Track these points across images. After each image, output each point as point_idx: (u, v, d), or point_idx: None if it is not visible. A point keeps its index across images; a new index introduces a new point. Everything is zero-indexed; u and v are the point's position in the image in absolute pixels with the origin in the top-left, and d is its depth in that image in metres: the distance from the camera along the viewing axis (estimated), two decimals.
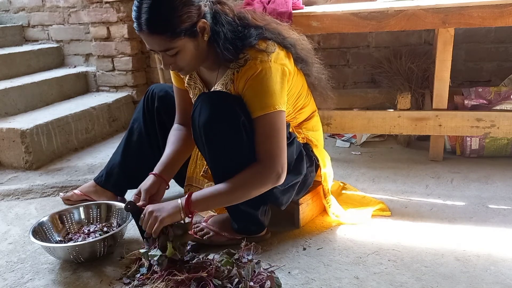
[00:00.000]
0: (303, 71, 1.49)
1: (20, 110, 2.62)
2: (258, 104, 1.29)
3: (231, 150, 1.32)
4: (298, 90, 1.46)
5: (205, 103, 1.32)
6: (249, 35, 1.32)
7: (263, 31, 1.34)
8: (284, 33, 1.41)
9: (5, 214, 1.87)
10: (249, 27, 1.34)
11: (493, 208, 1.69)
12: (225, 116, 1.30)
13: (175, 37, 1.22)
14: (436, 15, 1.85)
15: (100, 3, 2.95)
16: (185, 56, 1.27)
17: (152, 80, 3.18)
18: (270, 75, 1.28)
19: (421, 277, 1.30)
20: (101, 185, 1.84)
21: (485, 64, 2.54)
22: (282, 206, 1.50)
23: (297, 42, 1.44)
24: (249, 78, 1.28)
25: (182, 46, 1.25)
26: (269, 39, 1.34)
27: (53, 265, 1.48)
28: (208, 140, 1.33)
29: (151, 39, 1.24)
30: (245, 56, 1.30)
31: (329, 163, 1.65)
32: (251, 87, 1.29)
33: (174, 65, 1.31)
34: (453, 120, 2.03)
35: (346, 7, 2.03)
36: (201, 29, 1.26)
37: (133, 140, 1.77)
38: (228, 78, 1.35)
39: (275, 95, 1.29)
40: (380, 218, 1.65)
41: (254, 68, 1.28)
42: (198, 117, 1.32)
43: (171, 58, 1.28)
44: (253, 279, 1.23)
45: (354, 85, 2.75)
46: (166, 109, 1.68)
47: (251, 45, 1.30)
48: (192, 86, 1.50)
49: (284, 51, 1.37)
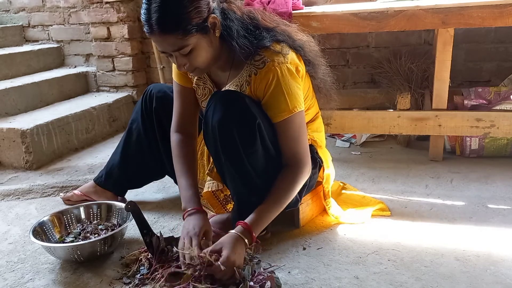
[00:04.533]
0: (309, 73, 1.49)
1: (21, 110, 2.63)
2: (278, 110, 1.31)
3: (244, 151, 1.31)
4: (305, 92, 1.47)
5: (220, 102, 1.30)
6: (263, 36, 1.32)
7: (276, 34, 1.35)
8: (293, 36, 1.42)
9: (5, 214, 1.88)
10: (260, 28, 1.34)
11: (493, 208, 1.69)
12: (240, 116, 1.28)
13: (187, 34, 1.20)
14: (436, 15, 1.85)
15: (100, 4, 2.95)
16: (199, 54, 1.26)
17: (152, 80, 3.18)
18: (289, 77, 1.30)
19: (421, 277, 1.30)
20: (101, 185, 1.84)
21: (485, 64, 2.54)
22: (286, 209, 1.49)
23: (305, 44, 1.45)
24: (269, 82, 1.29)
25: (195, 44, 1.23)
26: (282, 41, 1.35)
27: (53, 265, 1.48)
28: (221, 139, 1.31)
29: (163, 40, 1.22)
30: (262, 58, 1.30)
31: (331, 163, 1.66)
32: (272, 91, 1.30)
33: (189, 65, 1.28)
34: (452, 120, 2.03)
35: (346, 7, 2.03)
36: (212, 25, 1.25)
37: (132, 140, 1.77)
38: (244, 80, 1.34)
39: (295, 97, 1.31)
40: (380, 218, 1.65)
41: (274, 71, 1.28)
42: (212, 115, 1.30)
43: (184, 58, 1.26)
44: (253, 279, 1.23)
45: (354, 85, 2.75)
46: (164, 110, 1.66)
47: (266, 46, 1.31)
48: (201, 86, 1.48)
49: (296, 54, 1.39)
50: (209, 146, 1.39)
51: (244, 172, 1.34)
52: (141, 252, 1.44)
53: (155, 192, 1.99)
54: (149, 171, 1.82)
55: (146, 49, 3.12)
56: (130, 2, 2.96)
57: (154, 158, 1.75)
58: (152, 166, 1.78)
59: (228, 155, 1.34)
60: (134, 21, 3.01)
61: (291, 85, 1.30)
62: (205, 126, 1.35)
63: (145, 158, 1.76)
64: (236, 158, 1.33)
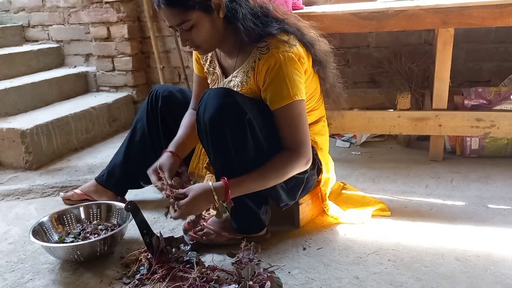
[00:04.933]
0: (318, 74, 1.49)
1: (20, 110, 2.62)
2: (278, 96, 1.32)
3: (235, 147, 1.33)
4: (311, 92, 1.47)
5: (211, 99, 1.33)
6: (270, 24, 1.34)
7: (285, 25, 1.37)
8: (304, 30, 1.43)
9: (5, 214, 1.88)
10: (269, 16, 1.37)
11: (493, 208, 1.69)
12: (230, 113, 1.30)
13: (189, 9, 1.26)
14: (436, 15, 1.85)
15: (100, 3, 2.95)
16: (200, 31, 1.30)
17: (152, 80, 3.18)
18: (291, 65, 1.31)
19: (421, 277, 1.30)
20: (103, 185, 1.84)
21: (485, 64, 2.54)
22: (284, 204, 1.50)
23: (315, 42, 1.45)
24: (270, 68, 1.31)
25: (196, 20, 1.28)
26: (291, 33, 1.37)
27: (53, 265, 1.48)
28: (212, 136, 1.33)
29: (168, 13, 1.28)
30: (267, 45, 1.32)
31: (332, 169, 1.66)
32: (272, 78, 1.31)
33: (191, 41, 1.33)
34: (453, 120, 2.03)
35: (346, 7, 2.03)
36: (216, 5, 1.29)
37: (136, 140, 1.78)
38: (249, 66, 1.36)
39: (296, 84, 1.32)
40: (380, 218, 1.65)
41: (276, 57, 1.30)
42: (203, 113, 1.33)
43: (187, 33, 1.31)
44: (253, 279, 1.23)
45: (354, 85, 2.74)
46: (170, 110, 1.69)
47: (272, 34, 1.33)
48: (211, 72, 1.54)
49: (304, 49, 1.39)
50: (202, 142, 1.42)
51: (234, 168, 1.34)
52: (141, 252, 1.44)
53: (155, 192, 1.98)
54: None
55: (146, 49, 3.12)
56: (130, 2, 2.96)
57: (157, 159, 1.75)
58: None
59: (218, 152, 1.36)
60: (134, 21, 3.01)
61: (293, 72, 1.31)
62: (198, 123, 1.38)
63: (148, 158, 1.75)
64: (226, 154, 1.35)
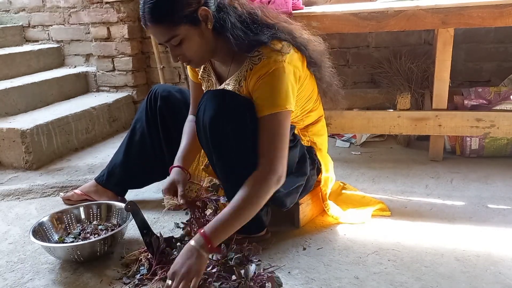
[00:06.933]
0: (314, 75, 1.48)
1: (20, 110, 2.63)
2: (267, 103, 1.28)
3: (235, 149, 1.32)
4: (309, 93, 1.46)
5: (210, 101, 1.32)
6: (261, 32, 1.32)
7: (276, 31, 1.34)
8: (296, 33, 1.40)
9: (5, 214, 1.88)
10: (259, 23, 1.34)
11: (493, 208, 1.69)
12: (230, 115, 1.29)
13: (176, 24, 1.24)
14: (436, 15, 1.85)
15: (100, 4, 2.95)
16: (190, 45, 1.29)
17: (152, 80, 3.18)
18: (283, 75, 1.28)
19: (421, 277, 1.30)
20: (102, 185, 1.84)
21: (485, 64, 2.54)
22: (285, 207, 1.50)
23: (309, 43, 1.43)
24: (262, 76, 1.28)
25: (185, 34, 1.26)
26: (284, 39, 1.34)
27: (53, 265, 1.48)
28: (212, 138, 1.33)
29: (155, 31, 1.27)
30: (260, 55, 1.30)
31: (331, 168, 1.66)
32: (262, 85, 1.29)
33: (182, 56, 1.32)
34: (453, 120, 2.03)
35: (346, 7, 2.03)
36: (203, 17, 1.27)
37: (136, 140, 1.78)
38: (242, 75, 1.34)
39: (285, 95, 1.28)
40: (380, 218, 1.65)
41: (268, 67, 1.28)
42: (203, 115, 1.32)
43: (177, 48, 1.29)
44: (254, 279, 1.23)
45: (354, 85, 2.75)
46: (169, 109, 1.69)
47: (265, 43, 1.30)
48: (205, 79, 1.52)
49: (298, 53, 1.37)
50: (202, 143, 1.41)
51: (236, 169, 1.34)
52: (141, 252, 1.44)
53: (155, 192, 1.98)
54: (151, 171, 1.83)
55: (146, 49, 3.12)
56: (130, 2, 2.96)
57: (157, 158, 1.76)
58: (154, 166, 1.78)
59: (219, 153, 1.35)
60: (134, 21, 3.01)
61: (283, 83, 1.28)
62: (197, 124, 1.37)
63: (148, 157, 1.77)
64: (227, 155, 1.34)
